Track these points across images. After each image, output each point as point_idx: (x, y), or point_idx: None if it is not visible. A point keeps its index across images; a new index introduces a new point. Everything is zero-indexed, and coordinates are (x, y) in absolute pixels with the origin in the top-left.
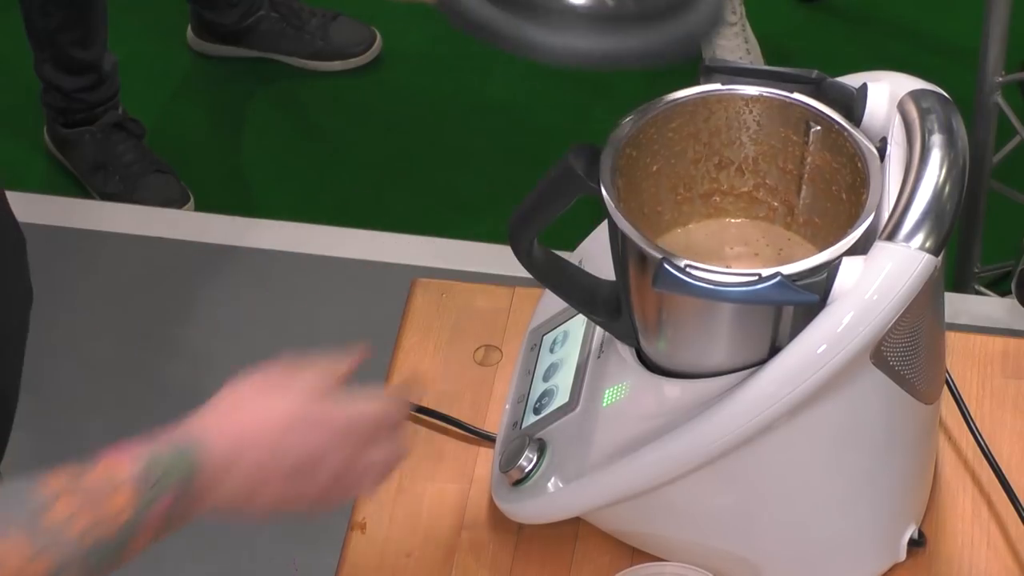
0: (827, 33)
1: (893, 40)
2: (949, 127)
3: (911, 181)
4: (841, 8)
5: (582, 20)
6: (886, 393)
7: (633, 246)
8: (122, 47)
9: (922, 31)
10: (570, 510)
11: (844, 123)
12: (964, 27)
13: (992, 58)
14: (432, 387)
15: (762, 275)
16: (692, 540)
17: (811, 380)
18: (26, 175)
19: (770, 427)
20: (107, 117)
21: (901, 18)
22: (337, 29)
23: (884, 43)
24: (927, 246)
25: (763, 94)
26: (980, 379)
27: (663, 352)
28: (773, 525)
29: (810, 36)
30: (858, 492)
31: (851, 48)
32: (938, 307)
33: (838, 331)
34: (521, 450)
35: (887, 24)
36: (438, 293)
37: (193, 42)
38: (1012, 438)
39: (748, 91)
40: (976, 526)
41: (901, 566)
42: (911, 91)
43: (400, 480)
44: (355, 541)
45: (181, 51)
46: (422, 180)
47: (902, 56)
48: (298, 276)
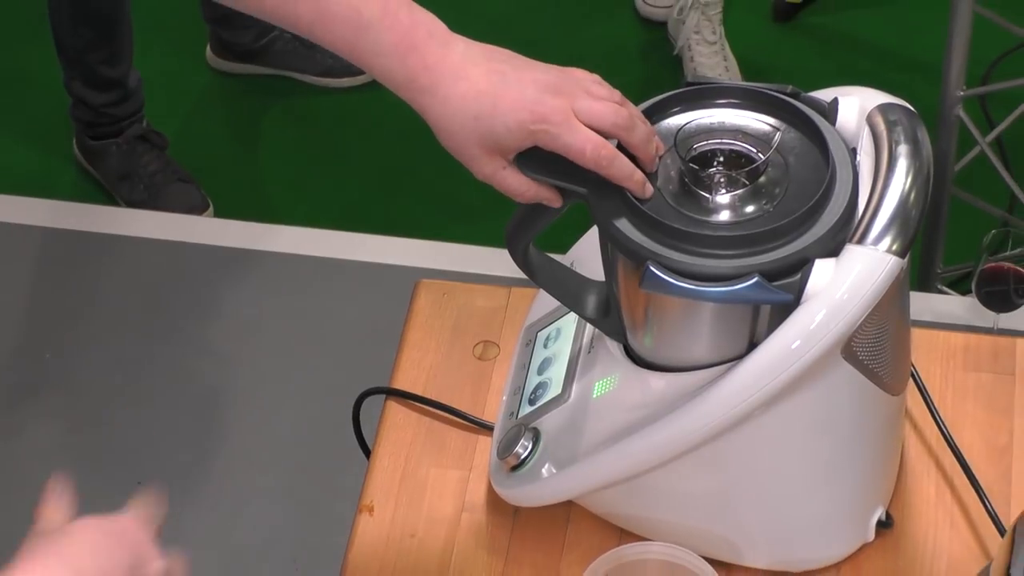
0: (800, 51)
1: (862, 57)
2: (914, 138)
3: (879, 188)
4: (813, 28)
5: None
6: (856, 385)
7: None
8: (146, 65)
9: (889, 49)
10: (563, 494)
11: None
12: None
13: (954, 74)
14: (435, 380)
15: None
16: (676, 521)
17: (786, 373)
18: (57, 184)
19: (748, 417)
20: (132, 130)
21: (869, 37)
22: None
23: (854, 60)
24: (894, 249)
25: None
26: (943, 372)
27: (649, 347)
28: (751, 507)
29: (785, 54)
30: (830, 476)
31: (823, 65)
32: (904, 305)
33: (811, 328)
34: (517, 438)
35: (856, 42)
36: (440, 293)
37: (212, 60)
38: (973, 427)
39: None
40: (940, 508)
41: (870, 545)
42: (879, 105)
43: (405, 466)
44: (363, 523)
45: (201, 69)
46: (425, 188)
47: (870, 72)
48: (310, 277)
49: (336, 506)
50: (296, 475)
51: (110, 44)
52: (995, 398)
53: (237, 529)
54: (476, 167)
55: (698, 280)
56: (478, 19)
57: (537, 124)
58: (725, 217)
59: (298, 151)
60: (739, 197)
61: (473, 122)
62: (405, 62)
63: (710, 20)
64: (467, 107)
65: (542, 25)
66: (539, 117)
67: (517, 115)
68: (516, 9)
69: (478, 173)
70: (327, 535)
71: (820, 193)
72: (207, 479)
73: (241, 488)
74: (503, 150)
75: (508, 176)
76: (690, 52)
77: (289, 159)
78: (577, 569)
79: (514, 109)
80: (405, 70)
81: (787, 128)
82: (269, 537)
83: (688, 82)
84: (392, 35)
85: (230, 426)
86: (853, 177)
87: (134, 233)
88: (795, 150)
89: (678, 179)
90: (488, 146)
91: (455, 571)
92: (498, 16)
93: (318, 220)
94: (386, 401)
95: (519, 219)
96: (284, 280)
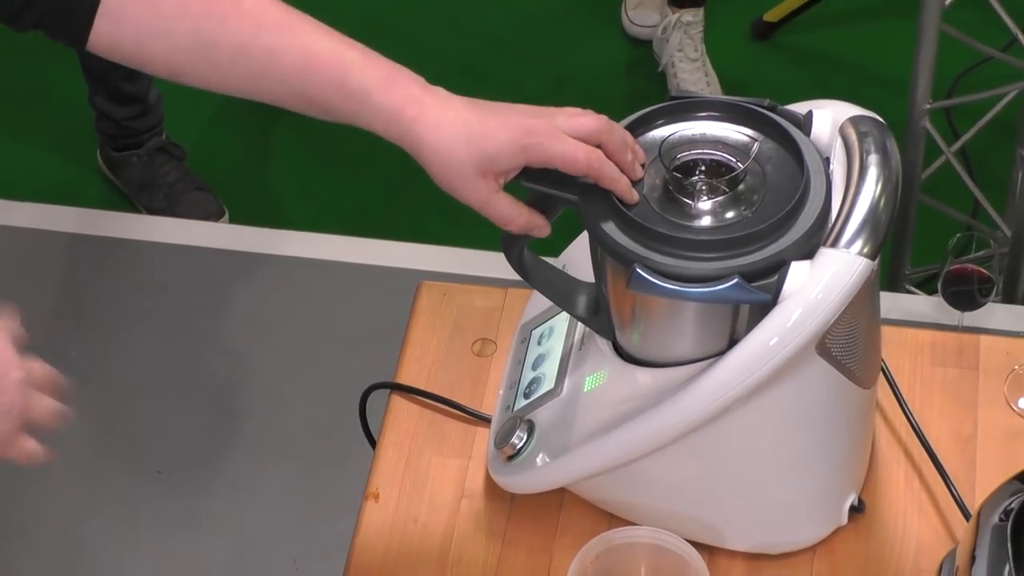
0: (777, 67)
1: (835, 73)
2: (884, 148)
3: (851, 195)
4: (789, 45)
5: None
6: (829, 379)
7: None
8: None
9: (860, 65)
10: (556, 482)
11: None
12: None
13: (921, 88)
14: (436, 375)
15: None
16: (662, 507)
17: (764, 368)
18: (82, 193)
19: (729, 409)
20: (152, 142)
21: (842, 53)
22: None
23: (827, 76)
24: (865, 251)
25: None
26: (911, 367)
27: (636, 344)
28: (732, 493)
29: (762, 70)
30: (805, 465)
31: (798, 80)
32: (874, 304)
33: (788, 326)
34: (513, 430)
35: (830, 59)
36: (440, 294)
37: None
38: (940, 418)
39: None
40: (908, 495)
41: (843, 529)
42: (850, 117)
43: (408, 456)
44: (369, 509)
45: None
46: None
47: (843, 87)
48: (319, 279)
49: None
50: (306, 464)
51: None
52: (960, 392)
53: (251, 512)
54: (470, 192)
55: (682, 281)
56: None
57: (528, 138)
58: (707, 222)
59: (307, 162)
60: (720, 203)
61: (466, 145)
62: (391, 95)
63: (692, 39)
64: (458, 132)
65: (535, 43)
66: (528, 131)
67: (508, 133)
68: (510, 28)
69: (472, 199)
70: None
71: (795, 199)
72: (222, 468)
73: (254, 476)
74: (497, 171)
75: (500, 201)
76: (674, 68)
77: (298, 170)
78: (569, 552)
79: (503, 128)
80: (392, 102)
81: (764, 139)
82: (281, 521)
83: (672, 96)
84: (376, 72)
85: (244, 418)
86: (826, 185)
87: (154, 238)
88: (772, 159)
89: (663, 187)
90: (483, 168)
91: (455, 554)
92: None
93: (326, 226)
94: (390, 395)
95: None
96: (294, 282)
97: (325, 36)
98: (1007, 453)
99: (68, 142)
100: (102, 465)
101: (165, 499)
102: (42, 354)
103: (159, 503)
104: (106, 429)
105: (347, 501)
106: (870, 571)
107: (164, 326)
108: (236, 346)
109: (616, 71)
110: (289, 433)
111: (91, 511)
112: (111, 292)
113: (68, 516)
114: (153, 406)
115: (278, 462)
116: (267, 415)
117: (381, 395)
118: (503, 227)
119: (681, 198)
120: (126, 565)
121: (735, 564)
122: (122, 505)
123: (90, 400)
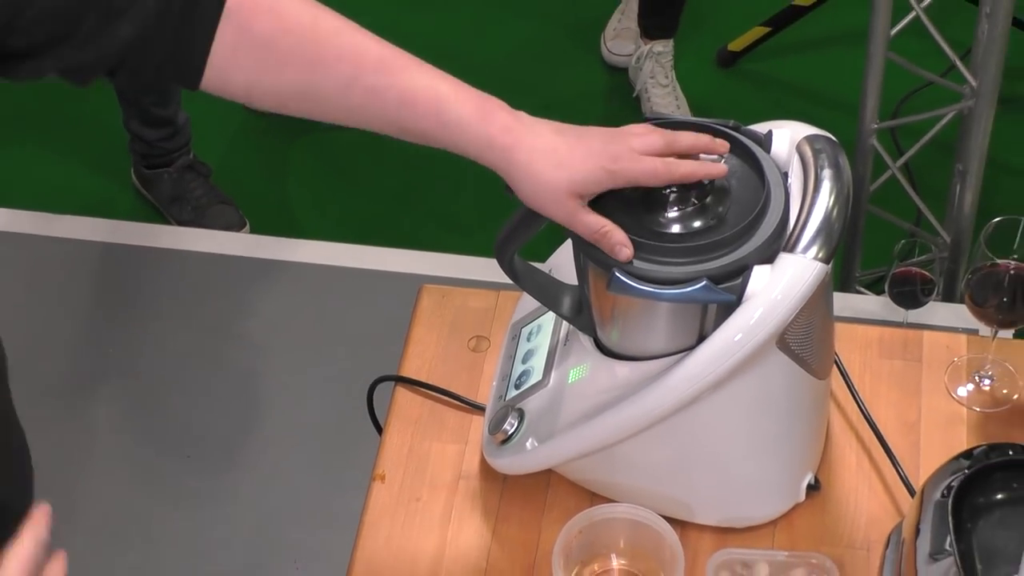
0: (740, 92)
1: (792, 96)
2: (836, 164)
3: (807, 206)
4: (751, 72)
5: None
6: (788, 371)
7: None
8: (192, 106)
9: (814, 89)
10: (543, 464)
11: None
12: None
13: (869, 109)
14: (436, 369)
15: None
16: (639, 486)
17: (730, 361)
18: (117, 207)
19: (699, 398)
20: (181, 160)
21: (798, 79)
22: None
23: (785, 99)
24: (819, 256)
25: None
26: (861, 359)
27: (615, 340)
28: (701, 473)
29: (727, 94)
30: (767, 447)
31: (759, 103)
32: (828, 303)
33: (751, 323)
34: (505, 417)
35: (787, 84)
36: (439, 296)
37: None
38: (887, 405)
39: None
40: (859, 474)
41: (801, 505)
42: (806, 136)
43: (411, 441)
44: (376, 489)
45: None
46: (427, 208)
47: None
48: (330, 283)
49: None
50: (319, 448)
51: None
52: (905, 381)
53: (271, 492)
54: (559, 211)
55: (656, 284)
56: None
57: (613, 165)
58: (678, 230)
59: (320, 177)
60: (690, 214)
61: (555, 171)
62: (486, 126)
63: (663, 67)
64: (549, 158)
65: (522, 71)
66: (613, 158)
67: (593, 160)
68: (499, 57)
69: (559, 216)
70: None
71: (757, 210)
72: (244, 451)
73: (273, 458)
74: (584, 194)
75: (586, 216)
76: (647, 93)
77: (312, 185)
78: (556, 526)
79: (589, 156)
80: (487, 133)
81: (729, 156)
82: (296, 500)
83: (646, 118)
84: (469, 106)
85: (263, 407)
86: (785, 196)
87: (183, 247)
88: (736, 174)
89: (638, 199)
90: (571, 191)
91: (454, 528)
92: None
93: (337, 235)
94: (395, 387)
95: (506, 234)
96: (308, 286)
97: (419, 71)
98: (947, 436)
99: (105, 161)
100: (138, 450)
101: (194, 479)
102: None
103: (189, 482)
104: (141, 417)
105: (356, 482)
106: (825, 543)
107: (192, 325)
108: (256, 343)
109: (595, 96)
110: (304, 421)
111: (129, 490)
112: (144, 295)
113: (109, 495)
114: (182, 397)
115: (294, 446)
116: (284, 405)
117: (386, 387)
118: (590, 238)
119: (655, 209)
120: (159, 537)
121: (704, 537)
122: (156, 484)
123: (126, 392)
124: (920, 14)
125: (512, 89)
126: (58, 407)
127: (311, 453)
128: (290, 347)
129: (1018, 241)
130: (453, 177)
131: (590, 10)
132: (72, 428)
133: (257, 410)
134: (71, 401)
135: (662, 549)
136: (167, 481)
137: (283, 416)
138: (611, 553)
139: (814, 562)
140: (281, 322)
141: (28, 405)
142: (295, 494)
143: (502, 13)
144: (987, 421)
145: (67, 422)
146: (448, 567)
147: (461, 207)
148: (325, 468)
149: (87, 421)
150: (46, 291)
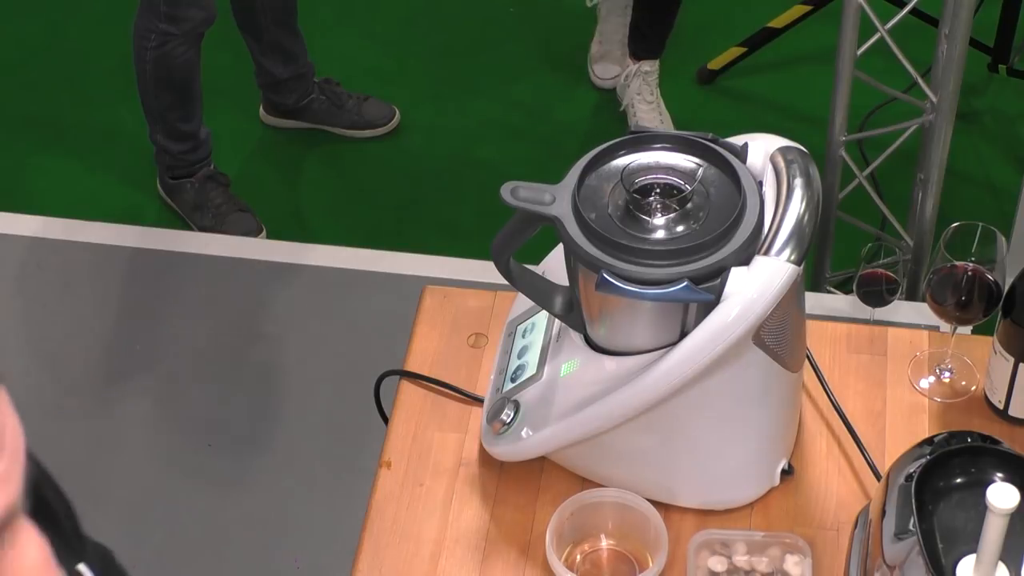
0: (719, 107)
1: (766, 111)
2: (807, 173)
3: (780, 212)
4: (729, 89)
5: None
6: (764, 365)
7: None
8: (213, 121)
9: (787, 104)
10: (537, 451)
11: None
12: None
13: (838, 123)
14: (438, 363)
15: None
16: (626, 472)
17: (709, 356)
18: (144, 214)
19: (680, 390)
20: (203, 172)
21: (771, 95)
22: (367, 107)
23: (760, 113)
24: (792, 259)
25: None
26: (831, 354)
27: (603, 337)
28: (683, 460)
29: (707, 109)
30: (744, 435)
31: (736, 117)
32: (801, 302)
33: (728, 321)
34: (502, 408)
35: (762, 100)
36: (441, 296)
37: (264, 117)
38: (855, 396)
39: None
40: (830, 460)
41: (776, 489)
42: (779, 147)
43: (415, 431)
44: (383, 475)
45: (255, 124)
46: (430, 216)
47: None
48: (341, 284)
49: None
50: (330, 437)
51: (185, 106)
52: (872, 374)
53: (286, 478)
54: None
55: (640, 284)
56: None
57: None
58: (661, 235)
59: (331, 187)
60: (671, 219)
61: None
62: None
63: (649, 84)
64: None
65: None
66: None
67: None
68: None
69: None
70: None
71: (734, 216)
72: (261, 440)
73: (287, 447)
74: None
75: None
76: (633, 109)
77: (324, 193)
78: (549, 509)
79: None
80: None
81: (708, 166)
82: (309, 485)
83: (632, 131)
84: None
85: (278, 400)
86: (760, 203)
87: (204, 252)
88: (714, 183)
89: (624, 205)
90: None
91: (455, 511)
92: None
93: (347, 240)
94: (400, 380)
95: (502, 239)
96: (321, 287)
97: None
98: (911, 425)
99: (132, 172)
100: (163, 439)
101: (214, 466)
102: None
103: (209, 470)
104: (166, 409)
105: (364, 468)
106: (799, 523)
107: (213, 324)
108: (272, 340)
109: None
110: (316, 412)
111: (154, 477)
112: (169, 296)
113: (136, 480)
114: (204, 390)
115: (307, 435)
116: (298, 397)
117: (392, 380)
118: None
119: (639, 215)
120: (183, 519)
121: (686, 518)
122: (179, 471)
123: (152, 385)
124: (884, 35)
125: (515, 108)
126: (90, 400)
127: (323, 441)
128: (303, 344)
129: (975, 245)
130: (454, 187)
131: (578, 35)
132: (103, 419)
133: (273, 402)
134: (102, 394)
135: (647, 530)
136: (190, 467)
137: (297, 407)
138: (600, 534)
139: (788, 541)
140: (295, 321)
141: (62, 398)
142: (308, 479)
143: (499, 34)
144: (947, 411)
145: (98, 414)
146: (450, 547)
147: (461, 215)
148: (336, 456)
149: (116, 413)
150: (78, 293)
